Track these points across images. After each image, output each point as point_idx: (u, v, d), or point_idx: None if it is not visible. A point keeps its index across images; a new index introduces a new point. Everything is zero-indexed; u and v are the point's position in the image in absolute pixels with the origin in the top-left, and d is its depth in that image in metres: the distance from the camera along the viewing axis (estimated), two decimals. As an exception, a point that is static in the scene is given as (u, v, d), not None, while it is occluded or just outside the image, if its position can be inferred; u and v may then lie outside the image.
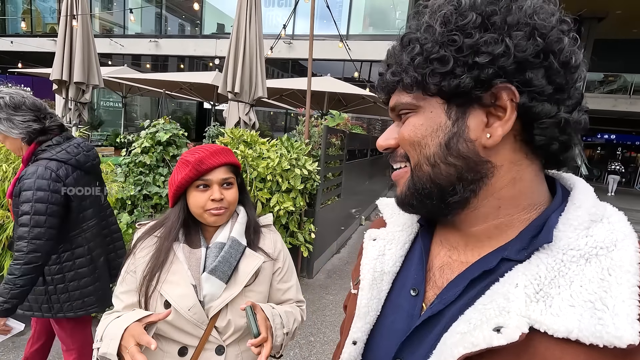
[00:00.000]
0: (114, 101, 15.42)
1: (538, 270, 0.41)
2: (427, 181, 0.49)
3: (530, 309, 0.38)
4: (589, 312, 0.36)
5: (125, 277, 1.05)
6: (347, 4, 11.44)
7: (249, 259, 1.07)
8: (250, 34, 4.46)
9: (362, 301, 0.56)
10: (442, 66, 0.44)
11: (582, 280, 0.38)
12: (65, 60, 5.25)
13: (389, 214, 0.65)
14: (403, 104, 0.50)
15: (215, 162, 1.02)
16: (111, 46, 13.62)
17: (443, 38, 0.44)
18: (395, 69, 0.49)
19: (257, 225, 1.16)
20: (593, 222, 0.43)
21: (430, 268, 0.54)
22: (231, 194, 1.06)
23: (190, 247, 1.05)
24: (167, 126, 2.75)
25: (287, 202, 3.21)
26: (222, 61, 12.32)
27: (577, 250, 0.40)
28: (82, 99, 5.51)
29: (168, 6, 14.21)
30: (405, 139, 0.50)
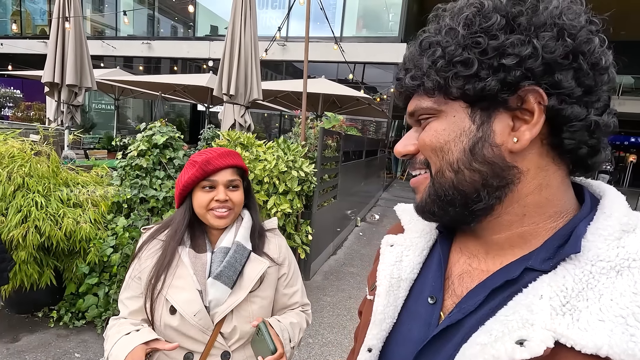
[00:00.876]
0: (106, 104, 15.27)
1: (564, 281, 0.39)
2: (450, 188, 0.47)
3: (555, 322, 0.37)
4: (620, 327, 0.34)
5: (129, 283, 1.05)
6: (340, 6, 11.48)
7: (254, 263, 1.06)
8: (245, 36, 4.46)
9: (378, 308, 0.55)
10: (466, 69, 0.43)
11: (612, 293, 0.36)
12: (57, 63, 5.19)
13: (407, 220, 0.63)
14: (424, 109, 0.48)
15: (222, 164, 1.02)
16: (103, 48, 13.50)
17: (466, 40, 0.43)
18: (415, 73, 0.48)
19: (262, 229, 1.15)
20: (625, 233, 0.40)
21: (449, 276, 0.52)
22: (236, 195, 1.06)
23: (196, 251, 1.04)
24: (164, 129, 2.73)
25: (284, 204, 3.21)
26: (215, 63, 12.29)
27: (608, 262, 0.38)
28: (75, 102, 5.46)
29: (161, 8, 14.13)
30: (427, 144, 0.48)
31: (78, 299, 2.68)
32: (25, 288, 2.47)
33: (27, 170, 2.48)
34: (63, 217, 2.47)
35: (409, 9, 11.00)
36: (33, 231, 2.35)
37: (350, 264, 4.60)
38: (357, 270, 4.41)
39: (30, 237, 2.33)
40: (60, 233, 2.42)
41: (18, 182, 2.41)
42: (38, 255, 2.49)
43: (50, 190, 2.58)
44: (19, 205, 2.38)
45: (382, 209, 8.03)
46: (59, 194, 2.60)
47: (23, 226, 2.33)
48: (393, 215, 6.48)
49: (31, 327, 2.64)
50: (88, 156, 6.94)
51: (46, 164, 2.66)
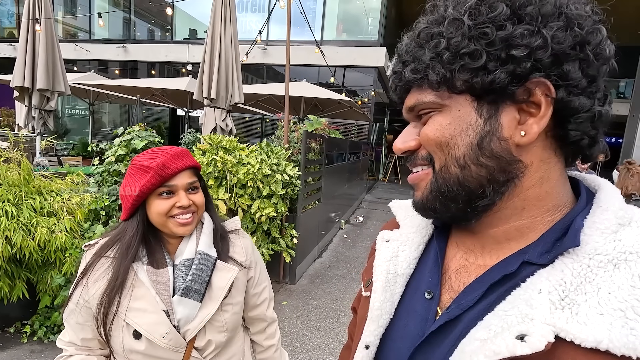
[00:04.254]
0: (80, 108, 14.76)
1: (563, 275, 0.39)
2: (454, 184, 0.46)
3: (555, 316, 0.36)
4: (620, 321, 0.34)
5: (76, 310, 0.93)
6: (320, 11, 11.55)
7: (222, 272, 0.99)
8: (225, 39, 4.41)
9: (374, 304, 0.54)
10: (474, 61, 0.41)
11: (610, 287, 0.36)
12: (27, 66, 4.98)
13: (402, 216, 0.63)
14: (426, 103, 0.47)
15: (179, 166, 0.94)
16: (76, 52, 13.07)
17: (473, 31, 0.41)
18: (416, 66, 0.46)
19: (224, 232, 1.08)
20: (621, 226, 0.40)
21: (445, 271, 0.52)
22: (198, 197, 0.99)
23: (155, 267, 0.94)
24: (143, 133, 2.66)
25: (269, 208, 3.18)
26: (195, 67, 12.10)
27: (605, 255, 0.38)
28: (47, 107, 5.24)
29: (137, 11, 13.82)
30: (431, 139, 0.46)
31: (53, 312, 2.55)
32: (-5, 302, 2.34)
33: (-4, 178, 2.36)
34: (36, 227, 2.36)
35: (388, 14, 11.18)
36: (3, 242, 2.23)
37: (335, 266, 4.60)
38: (342, 272, 4.41)
39: (0, 249, 2.21)
40: (33, 243, 2.31)
41: (-13, 191, 2.29)
42: (9, 268, 2.36)
43: (22, 198, 2.46)
44: (-12, 215, 2.26)
45: (365, 211, 8.08)
46: (32, 203, 2.48)
47: (-8, 237, 2.21)
48: (377, 217, 6.58)
49: (2, 344, 2.50)
50: (62, 163, 6.67)
51: (17, 172, 2.54)
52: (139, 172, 0.91)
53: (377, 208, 8.59)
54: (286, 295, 3.63)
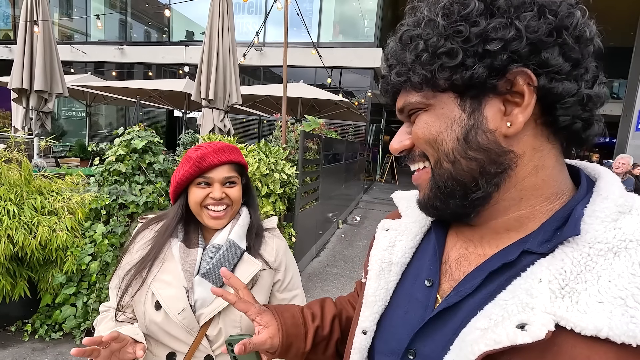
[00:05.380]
0: (77, 110, 14.72)
1: (563, 264, 0.39)
2: (449, 179, 0.47)
3: (555, 305, 0.36)
4: (619, 309, 0.34)
5: (121, 275, 1.01)
6: (317, 12, 11.62)
7: (247, 264, 1.01)
8: (223, 40, 4.45)
9: (369, 290, 0.56)
10: (451, 59, 0.42)
11: (610, 275, 0.36)
12: (25, 68, 4.99)
13: (404, 207, 0.64)
14: (412, 104, 0.48)
15: (217, 160, 0.98)
16: (73, 53, 13.05)
17: (447, 30, 0.43)
18: (399, 69, 0.47)
19: (260, 228, 1.10)
20: (621, 214, 0.40)
21: (445, 260, 0.52)
22: (234, 192, 1.01)
23: (187, 246, 1.00)
24: (143, 133, 2.70)
25: (267, 207, 3.22)
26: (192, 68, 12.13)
27: (605, 244, 0.38)
28: (45, 108, 5.26)
29: (134, 13, 13.83)
30: (420, 137, 0.48)
31: (54, 311, 2.58)
32: (-3, 301, 2.36)
33: (-3, 178, 2.39)
34: (37, 226, 2.39)
35: (384, 15, 11.27)
36: (5, 241, 2.26)
37: (333, 265, 4.64)
38: (340, 271, 4.45)
39: (2, 247, 2.24)
40: (34, 242, 2.33)
41: (-12, 191, 2.32)
42: (10, 266, 2.39)
43: (23, 198, 2.49)
44: (-10, 215, 2.29)
45: (363, 211, 8.13)
46: (33, 202, 2.50)
47: (-6, 236, 2.24)
48: (374, 217, 6.62)
49: (3, 342, 2.52)
50: (59, 164, 6.68)
51: (18, 172, 2.56)
52: (184, 161, 0.99)
53: (374, 208, 8.64)
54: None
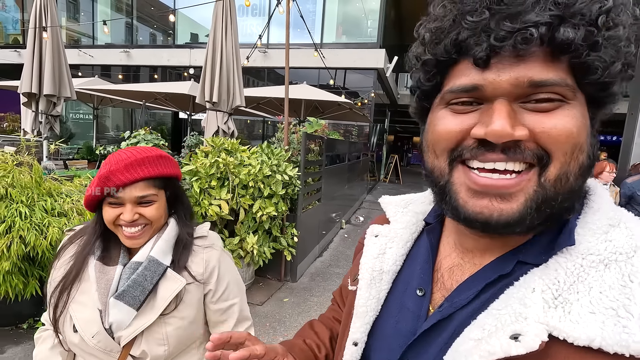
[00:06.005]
0: (84, 113, 14.95)
1: (557, 274, 0.39)
2: (567, 197, 0.40)
3: (548, 315, 0.36)
4: (611, 319, 0.34)
5: (48, 290, 0.96)
6: (320, 13, 11.68)
7: (170, 282, 0.92)
8: (226, 43, 4.53)
9: (360, 300, 0.54)
10: (626, 56, 0.37)
11: (601, 286, 0.36)
12: (34, 73, 5.12)
13: (392, 212, 0.62)
14: (560, 86, 0.36)
15: (127, 179, 0.86)
16: (80, 57, 13.25)
17: (636, 28, 0.37)
18: (589, 34, 0.34)
19: (188, 241, 1.00)
20: (611, 227, 0.40)
21: (438, 268, 0.51)
22: (151, 211, 0.91)
23: (105, 264, 0.92)
24: (148, 136, 2.78)
25: (270, 208, 3.29)
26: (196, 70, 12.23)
27: (597, 256, 0.38)
28: (54, 112, 5.38)
29: (139, 16, 14.00)
30: (572, 137, 0.37)
31: (64, 309, 2.66)
32: (10, 299, 2.45)
33: (9, 181, 2.48)
34: (48, 227, 2.48)
35: (387, 15, 11.30)
36: (17, 241, 2.35)
37: (336, 264, 4.70)
38: (342, 270, 4.50)
39: (15, 248, 2.33)
40: (45, 242, 2.42)
41: (1, 193, 2.41)
42: (23, 266, 2.48)
43: (34, 200, 2.58)
44: (3, 216, 2.38)
45: (366, 211, 8.18)
46: (43, 204, 2.59)
47: (7, 236, 2.33)
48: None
49: (16, 339, 2.62)
50: (67, 167, 6.81)
51: (29, 174, 2.66)
52: (95, 178, 0.88)
53: (377, 208, 8.63)
54: (287, 293, 3.73)
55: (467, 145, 0.40)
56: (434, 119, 0.44)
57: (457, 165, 0.42)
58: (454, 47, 0.39)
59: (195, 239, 1.02)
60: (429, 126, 0.45)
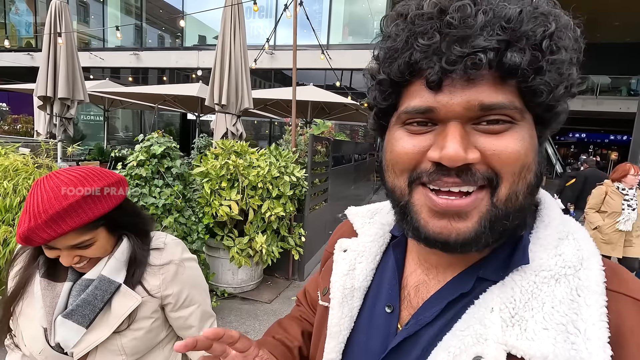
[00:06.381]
0: (95, 114, 15.23)
1: (513, 293, 0.40)
2: (517, 216, 0.40)
3: (507, 334, 0.37)
4: (562, 335, 0.35)
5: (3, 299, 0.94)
6: (326, 14, 11.76)
7: (124, 298, 0.89)
8: (235, 46, 4.62)
9: (333, 320, 0.53)
10: (569, 79, 0.39)
11: (553, 301, 0.37)
12: (49, 77, 5.27)
13: (359, 224, 0.61)
14: (508, 108, 0.37)
15: (49, 236, 0.75)
16: (91, 59, 13.52)
17: (579, 47, 0.40)
18: (534, 58, 0.36)
19: (144, 254, 0.94)
20: (560, 240, 0.42)
21: (405, 285, 0.51)
22: (91, 252, 0.85)
23: (52, 279, 0.88)
24: (161, 139, 2.87)
25: (278, 208, 3.37)
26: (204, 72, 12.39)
27: (548, 271, 0.39)
28: (68, 115, 5.54)
29: (148, 19, 14.23)
30: (519, 158, 0.38)
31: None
32: None
33: (31, 183, 2.59)
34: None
35: (393, 16, 11.31)
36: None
37: (342, 264, 4.76)
38: (349, 270, 4.56)
39: (36, 246, 2.44)
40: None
41: (23, 194, 2.52)
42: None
43: (53, 201, 2.69)
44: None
45: (372, 211, 8.20)
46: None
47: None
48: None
49: None
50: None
51: (48, 176, 2.77)
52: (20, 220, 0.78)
53: (384, 208, 8.69)
54: (295, 291, 3.81)
55: (425, 169, 0.40)
56: (391, 138, 0.44)
57: (417, 186, 0.42)
58: (407, 68, 0.39)
59: (152, 250, 0.96)
60: (388, 145, 0.45)
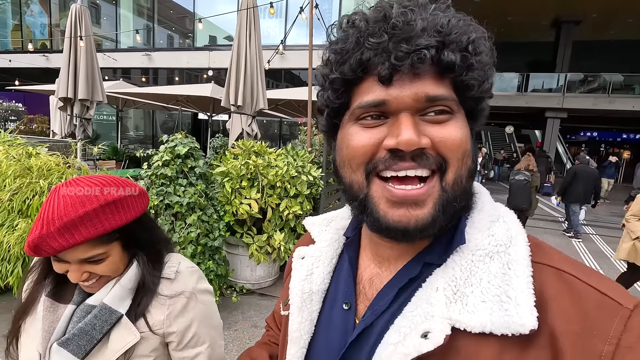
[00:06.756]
0: (108, 114, 15.50)
1: (454, 272, 0.43)
2: (463, 199, 0.45)
3: (450, 309, 0.40)
4: (497, 305, 0.38)
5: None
6: (336, 13, 11.80)
7: (123, 331, 0.80)
8: (250, 48, 4.72)
9: (292, 326, 0.54)
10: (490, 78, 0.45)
11: (488, 276, 0.41)
12: (70, 79, 5.42)
13: (316, 232, 0.63)
14: (447, 101, 0.42)
15: (60, 246, 0.70)
16: (104, 60, 13.76)
17: (492, 57, 0.45)
18: (464, 57, 0.41)
19: (153, 284, 0.84)
20: (492, 223, 0.46)
21: (360, 281, 0.53)
22: (101, 268, 0.78)
23: (56, 300, 0.82)
24: (184, 140, 2.98)
25: (295, 207, 3.46)
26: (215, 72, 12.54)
27: (483, 250, 0.43)
28: (87, 115, 5.70)
29: (161, 20, 14.43)
30: (461, 145, 0.43)
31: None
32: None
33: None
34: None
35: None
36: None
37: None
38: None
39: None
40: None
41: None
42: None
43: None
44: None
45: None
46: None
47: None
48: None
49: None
50: (97, 167, 7.15)
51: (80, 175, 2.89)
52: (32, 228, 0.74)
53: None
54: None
55: (381, 157, 0.43)
56: (346, 134, 0.47)
57: (374, 178, 0.44)
58: (359, 66, 0.43)
59: (163, 279, 0.86)
60: (342, 142, 0.47)
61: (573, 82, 14.84)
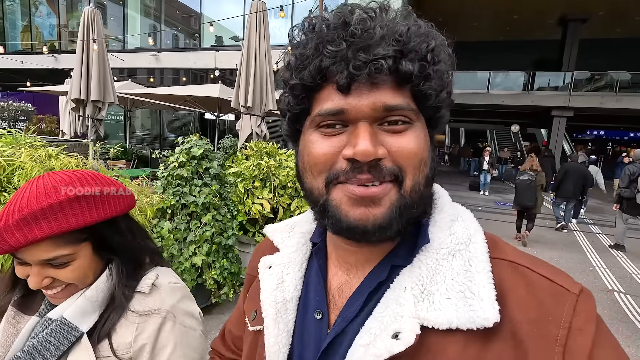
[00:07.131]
0: (115, 114, 15.67)
1: (420, 271, 0.44)
2: (420, 206, 0.46)
3: (418, 308, 0.41)
4: (462, 301, 0.39)
5: None
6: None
7: (82, 353, 0.68)
8: (260, 50, 4.80)
9: (270, 339, 0.51)
10: (448, 86, 0.45)
11: (452, 273, 0.42)
12: (82, 80, 5.54)
13: (279, 239, 0.61)
14: (405, 110, 0.43)
15: (17, 242, 0.61)
16: (112, 61, 13.86)
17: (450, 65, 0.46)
18: (422, 67, 0.42)
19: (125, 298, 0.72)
20: (452, 222, 0.47)
21: (329, 289, 0.52)
22: (65, 274, 0.67)
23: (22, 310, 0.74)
24: (199, 142, 3.06)
25: (306, 206, 3.53)
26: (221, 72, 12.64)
27: (446, 248, 0.44)
28: (99, 116, 5.81)
29: (167, 20, 14.55)
30: (417, 154, 0.43)
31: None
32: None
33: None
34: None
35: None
36: (92, 236, 2.67)
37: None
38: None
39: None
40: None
41: (78, 193, 2.74)
42: (95, 257, 2.80)
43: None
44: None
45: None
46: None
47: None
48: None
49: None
50: (108, 167, 7.28)
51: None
52: None
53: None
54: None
55: (341, 168, 0.43)
56: (307, 142, 0.47)
57: (334, 186, 0.44)
58: (318, 73, 0.42)
59: (136, 293, 0.74)
60: (304, 149, 0.47)
61: (580, 80, 14.75)
